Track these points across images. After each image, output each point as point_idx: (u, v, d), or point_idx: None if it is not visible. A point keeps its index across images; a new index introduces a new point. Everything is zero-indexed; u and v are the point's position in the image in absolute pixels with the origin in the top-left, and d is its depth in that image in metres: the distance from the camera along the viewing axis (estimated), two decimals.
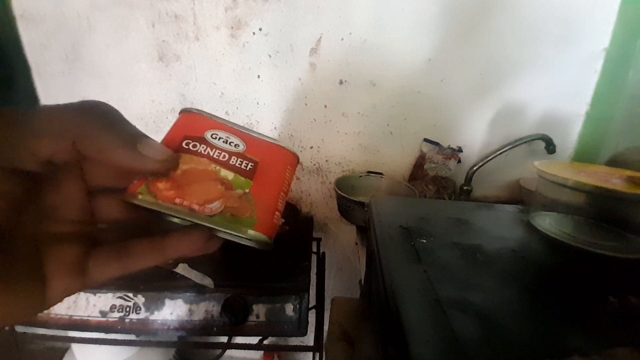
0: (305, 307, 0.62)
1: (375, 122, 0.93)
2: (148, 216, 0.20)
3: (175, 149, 0.20)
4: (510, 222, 0.42)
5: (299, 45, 0.87)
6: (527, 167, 0.91)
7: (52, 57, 0.92)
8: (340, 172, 0.98)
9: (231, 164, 0.20)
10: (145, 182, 0.18)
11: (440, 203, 0.55)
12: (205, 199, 0.19)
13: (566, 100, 0.87)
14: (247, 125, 0.95)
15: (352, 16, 0.84)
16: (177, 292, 0.63)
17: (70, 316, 0.62)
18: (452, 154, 0.91)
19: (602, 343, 0.22)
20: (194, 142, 0.20)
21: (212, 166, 0.20)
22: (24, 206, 0.16)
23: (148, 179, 0.19)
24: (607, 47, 0.82)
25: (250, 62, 0.90)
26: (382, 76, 0.88)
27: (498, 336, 0.21)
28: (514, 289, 0.28)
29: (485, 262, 0.31)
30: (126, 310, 0.62)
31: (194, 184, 0.19)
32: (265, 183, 0.21)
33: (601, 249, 0.34)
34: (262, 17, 0.85)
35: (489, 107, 0.89)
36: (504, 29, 0.82)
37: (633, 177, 0.36)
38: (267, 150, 0.23)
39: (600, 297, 0.27)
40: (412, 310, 0.23)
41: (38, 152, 0.15)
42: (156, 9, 0.86)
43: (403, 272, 0.28)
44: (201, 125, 0.21)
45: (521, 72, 0.85)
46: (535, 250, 0.36)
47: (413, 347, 0.20)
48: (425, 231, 0.36)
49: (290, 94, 0.92)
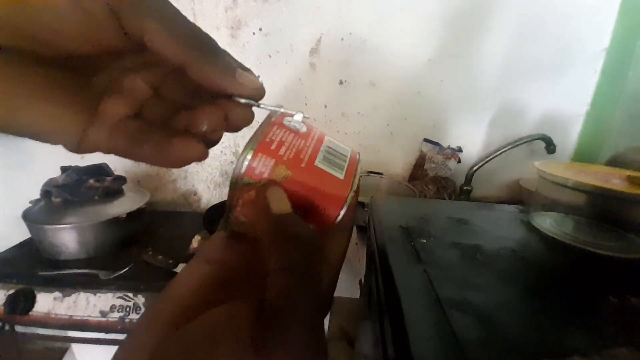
0: None
1: (375, 122, 0.93)
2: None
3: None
4: (510, 222, 0.42)
5: (299, 45, 0.87)
6: (527, 167, 0.91)
7: None
8: None
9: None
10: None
11: (440, 203, 0.55)
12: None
13: (566, 100, 0.87)
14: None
15: (352, 16, 0.84)
16: None
17: (70, 316, 0.62)
18: (452, 154, 0.91)
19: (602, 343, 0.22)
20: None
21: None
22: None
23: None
24: (607, 47, 0.82)
25: (250, 62, 0.90)
26: (382, 76, 0.88)
27: (498, 336, 0.21)
28: (514, 289, 0.28)
29: (485, 262, 0.31)
30: (126, 310, 0.62)
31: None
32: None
33: (601, 249, 0.34)
34: (262, 17, 0.85)
35: (489, 107, 0.90)
36: (504, 29, 0.82)
37: (633, 177, 0.36)
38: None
39: (600, 297, 0.27)
40: (412, 310, 0.23)
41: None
42: None
43: (403, 272, 0.28)
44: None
45: (521, 72, 0.85)
46: (535, 250, 0.36)
47: (413, 347, 0.20)
48: (425, 231, 0.36)
49: (290, 94, 0.92)
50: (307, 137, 0.18)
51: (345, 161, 0.19)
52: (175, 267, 0.68)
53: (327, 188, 0.17)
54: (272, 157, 0.16)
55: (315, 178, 0.17)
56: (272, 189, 0.17)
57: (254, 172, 0.16)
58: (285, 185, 0.17)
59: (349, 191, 0.17)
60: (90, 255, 0.72)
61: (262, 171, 0.16)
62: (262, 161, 0.16)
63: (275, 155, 0.17)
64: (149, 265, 0.69)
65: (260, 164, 0.16)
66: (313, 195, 0.17)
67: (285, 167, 0.16)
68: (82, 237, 0.70)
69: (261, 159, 0.16)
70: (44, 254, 0.72)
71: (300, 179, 0.17)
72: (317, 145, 0.18)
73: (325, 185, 0.17)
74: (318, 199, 0.17)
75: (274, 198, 0.16)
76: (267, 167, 0.16)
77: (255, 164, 0.16)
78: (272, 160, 0.16)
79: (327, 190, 0.17)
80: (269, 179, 0.17)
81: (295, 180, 0.17)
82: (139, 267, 0.69)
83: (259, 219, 0.17)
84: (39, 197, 0.75)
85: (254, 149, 0.16)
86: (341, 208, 0.17)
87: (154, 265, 0.69)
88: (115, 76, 0.18)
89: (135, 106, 0.18)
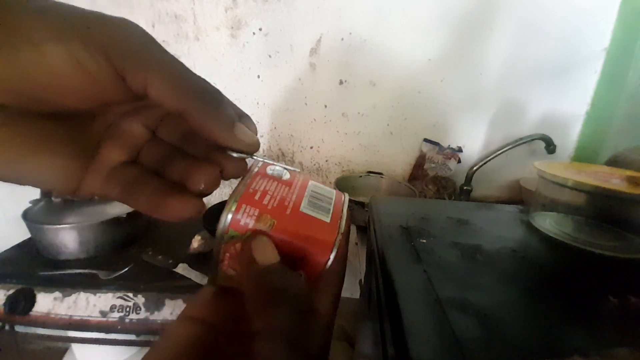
0: None
1: (375, 122, 0.93)
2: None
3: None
4: (510, 222, 0.42)
5: (299, 45, 0.87)
6: (527, 167, 0.91)
7: None
8: (340, 172, 0.98)
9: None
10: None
11: (440, 203, 0.55)
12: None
13: (566, 100, 0.87)
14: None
15: (352, 16, 0.84)
16: (177, 292, 0.63)
17: (70, 316, 0.62)
18: (452, 154, 0.91)
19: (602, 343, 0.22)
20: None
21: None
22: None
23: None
24: (607, 47, 0.82)
25: (250, 62, 0.90)
26: (382, 76, 0.88)
27: (498, 336, 0.21)
28: (514, 289, 0.28)
29: (485, 262, 0.31)
30: (126, 310, 0.62)
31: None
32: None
33: (601, 249, 0.34)
34: (262, 17, 0.85)
35: (489, 107, 0.89)
36: (504, 29, 0.82)
37: (633, 177, 0.36)
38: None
39: (600, 297, 0.27)
40: (412, 310, 0.23)
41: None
42: (156, 9, 0.86)
43: (403, 272, 0.28)
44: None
45: (521, 72, 0.85)
46: (535, 250, 0.36)
47: (413, 347, 0.20)
48: (425, 231, 0.36)
49: (290, 94, 0.92)
50: (291, 184, 0.19)
51: (330, 204, 0.19)
52: (175, 267, 0.68)
53: (314, 233, 0.17)
54: (256, 208, 0.16)
55: (301, 224, 0.17)
56: (257, 239, 0.16)
57: (239, 224, 0.16)
58: (272, 234, 0.16)
59: (336, 234, 0.17)
60: (90, 255, 0.72)
61: (246, 222, 0.16)
62: (247, 212, 0.16)
63: (259, 205, 0.17)
64: (149, 265, 0.69)
65: (244, 216, 0.16)
66: (300, 242, 0.17)
67: (269, 217, 0.16)
68: (82, 237, 0.70)
69: (245, 209, 0.16)
70: (44, 254, 0.72)
71: (286, 226, 0.17)
72: (301, 192, 0.18)
73: (312, 230, 0.17)
74: (306, 245, 0.17)
75: (259, 248, 0.16)
76: (251, 218, 0.16)
77: (239, 216, 0.16)
78: (256, 210, 0.16)
79: (314, 235, 0.17)
80: (254, 230, 0.16)
81: (281, 228, 0.16)
82: (139, 267, 0.69)
83: (244, 273, 0.17)
84: (39, 197, 0.75)
85: (237, 201, 0.16)
86: (330, 251, 0.17)
87: (154, 265, 0.69)
88: (112, 121, 0.18)
89: (133, 151, 0.18)
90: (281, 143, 0.96)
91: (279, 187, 0.18)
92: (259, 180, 0.18)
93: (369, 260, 0.42)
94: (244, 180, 0.18)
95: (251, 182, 0.18)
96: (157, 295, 0.63)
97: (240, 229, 0.16)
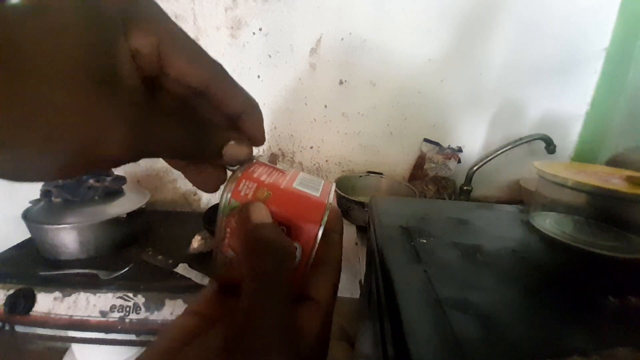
0: None
1: (375, 122, 0.93)
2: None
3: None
4: (510, 222, 0.42)
5: (299, 45, 0.87)
6: (527, 167, 0.91)
7: None
8: (340, 172, 0.98)
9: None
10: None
11: (440, 203, 0.55)
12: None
13: (566, 100, 0.87)
14: None
15: (352, 16, 0.84)
16: (177, 292, 0.63)
17: (70, 316, 0.62)
18: (452, 154, 0.91)
19: (602, 343, 0.22)
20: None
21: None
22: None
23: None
24: (607, 47, 0.82)
25: (250, 62, 0.90)
26: (382, 76, 0.88)
27: (498, 336, 0.21)
28: (514, 289, 0.28)
29: (486, 262, 0.31)
30: (126, 310, 0.62)
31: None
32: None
33: (601, 249, 0.34)
34: (262, 17, 0.85)
35: (489, 107, 0.90)
36: (504, 29, 0.82)
37: (633, 177, 0.36)
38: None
39: (600, 297, 0.27)
40: (412, 310, 0.23)
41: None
42: None
43: (403, 272, 0.28)
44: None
45: (521, 72, 0.85)
46: (535, 250, 0.36)
47: (413, 347, 0.20)
48: (425, 231, 0.36)
49: (290, 94, 0.92)
50: (284, 172, 0.22)
51: (319, 186, 0.21)
52: (175, 267, 0.68)
53: (305, 203, 0.19)
54: (254, 182, 0.19)
55: (294, 197, 0.19)
56: (254, 203, 0.18)
57: (239, 195, 0.19)
58: (267, 204, 0.19)
59: (325, 205, 0.19)
60: (90, 255, 0.72)
61: (246, 193, 0.19)
62: (246, 185, 0.19)
63: (257, 180, 0.19)
64: (149, 265, 0.69)
65: (244, 188, 0.19)
66: (292, 212, 0.19)
67: (266, 189, 0.19)
68: (82, 237, 0.70)
69: (245, 183, 0.19)
70: (44, 254, 0.72)
71: (281, 197, 0.19)
72: (293, 176, 0.21)
73: (303, 201, 0.19)
74: (297, 215, 0.19)
75: (255, 210, 0.18)
76: (250, 190, 0.19)
77: (240, 187, 0.19)
78: (254, 184, 0.19)
79: (305, 205, 0.19)
80: (252, 199, 0.19)
81: (275, 198, 0.19)
82: (139, 267, 0.69)
83: (240, 232, 0.18)
84: (39, 197, 0.75)
85: (238, 177, 0.19)
86: (319, 223, 0.19)
87: (154, 265, 0.69)
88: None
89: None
90: (281, 143, 0.96)
91: (274, 172, 0.21)
92: (257, 167, 0.21)
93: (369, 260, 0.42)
94: (242, 167, 0.20)
95: (250, 167, 0.20)
96: (157, 295, 0.63)
97: (241, 198, 0.19)
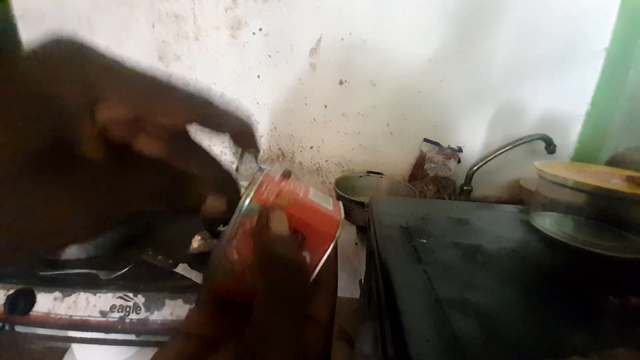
0: None
1: (375, 122, 0.93)
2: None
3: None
4: (510, 222, 0.42)
5: (299, 45, 0.87)
6: (527, 167, 0.91)
7: None
8: (340, 172, 0.98)
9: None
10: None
11: (440, 203, 0.55)
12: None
13: (566, 100, 0.87)
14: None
15: (352, 16, 0.84)
16: (177, 292, 0.63)
17: (70, 316, 0.62)
18: (452, 154, 0.91)
19: (602, 343, 0.22)
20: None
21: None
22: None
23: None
24: (607, 47, 0.82)
25: (250, 62, 0.90)
26: (382, 76, 0.88)
27: (498, 336, 0.21)
28: (514, 289, 0.28)
29: (486, 262, 0.31)
30: (126, 310, 0.62)
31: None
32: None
33: (601, 249, 0.34)
34: (262, 17, 0.85)
35: (489, 107, 0.89)
36: (504, 29, 0.82)
37: (633, 177, 0.36)
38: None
39: (600, 297, 0.27)
40: (412, 310, 0.23)
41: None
42: (156, 9, 0.86)
43: (403, 272, 0.28)
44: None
45: (521, 72, 0.85)
46: (535, 250, 0.36)
47: (413, 347, 0.20)
48: (425, 231, 0.36)
49: (290, 94, 0.92)
50: (298, 184, 0.21)
51: (330, 201, 0.21)
52: (175, 267, 0.68)
53: (322, 216, 0.19)
54: (276, 187, 0.19)
55: (312, 208, 0.19)
56: (276, 211, 0.18)
57: (261, 197, 0.18)
58: (287, 211, 0.18)
59: (339, 216, 0.20)
60: (90, 255, 0.72)
61: (268, 196, 0.18)
62: (268, 188, 0.19)
63: (279, 186, 0.19)
64: (149, 265, 0.69)
65: (266, 191, 0.19)
66: (310, 222, 0.19)
67: (287, 196, 0.19)
68: None
69: (267, 186, 0.19)
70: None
71: (300, 206, 0.19)
72: (306, 189, 0.21)
73: (320, 214, 0.19)
74: (314, 226, 0.19)
75: (276, 218, 0.17)
76: (272, 194, 0.19)
77: (263, 189, 0.18)
78: (276, 189, 0.19)
79: (321, 217, 0.19)
80: (274, 203, 0.18)
81: (295, 206, 0.19)
82: (139, 267, 0.69)
83: (257, 240, 0.18)
84: None
85: (261, 180, 0.19)
86: (333, 237, 0.19)
87: (154, 265, 0.69)
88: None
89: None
90: (281, 143, 0.96)
91: (290, 182, 0.21)
92: (275, 173, 0.21)
93: (369, 260, 0.42)
94: (262, 172, 0.20)
95: (268, 172, 0.20)
96: (157, 295, 0.63)
97: (262, 201, 0.18)
